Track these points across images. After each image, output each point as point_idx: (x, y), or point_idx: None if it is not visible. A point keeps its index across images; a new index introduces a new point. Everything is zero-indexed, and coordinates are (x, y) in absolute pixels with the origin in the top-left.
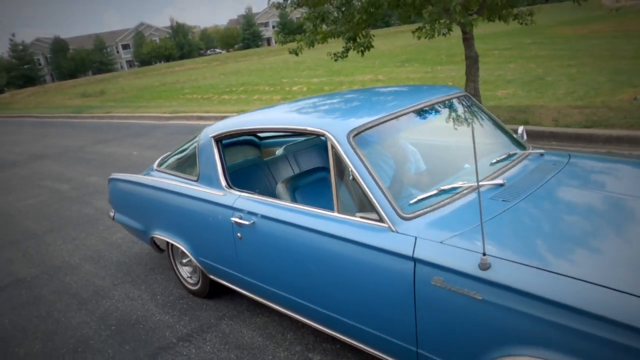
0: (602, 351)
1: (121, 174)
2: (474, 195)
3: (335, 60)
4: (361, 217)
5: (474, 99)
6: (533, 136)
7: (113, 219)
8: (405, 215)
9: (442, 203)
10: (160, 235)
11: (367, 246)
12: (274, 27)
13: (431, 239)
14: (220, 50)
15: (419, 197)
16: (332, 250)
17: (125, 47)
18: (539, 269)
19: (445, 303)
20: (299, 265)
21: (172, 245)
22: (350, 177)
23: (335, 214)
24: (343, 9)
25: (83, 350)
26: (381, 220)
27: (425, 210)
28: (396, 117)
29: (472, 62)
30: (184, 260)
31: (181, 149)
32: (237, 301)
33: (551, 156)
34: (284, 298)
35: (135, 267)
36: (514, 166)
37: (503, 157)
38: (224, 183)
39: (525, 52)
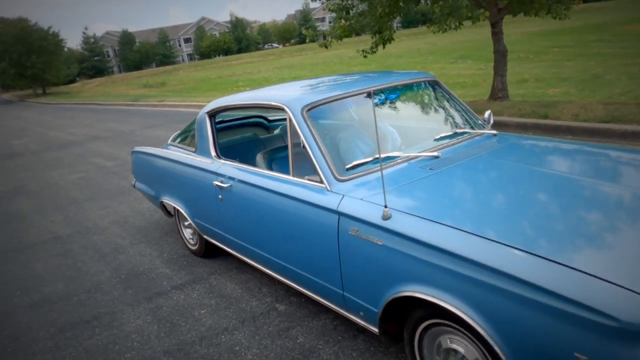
0: (471, 289)
1: (141, 147)
2: (405, 164)
3: (365, 56)
4: (308, 180)
5: (442, 84)
6: (549, 130)
7: (134, 187)
8: (340, 178)
9: (375, 169)
10: (167, 200)
11: (307, 203)
12: (329, 22)
13: (354, 197)
14: (277, 45)
15: (354, 163)
16: (284, 208)
17: (186, 40)
18: (430, 220)
19: (358, 249)
20: (261, 222)
21: (176, 209)
22: (302, 145)
23: (290, 177)
24: (368, 1)
25: (95, 291)
26: (321, 181)
27: (358, 174)
28: (350, 96)
29: (500, 57)
30: (186, 223)
31: (189, 125)
32: (228, 261)
33: (503, 137)
34: (252, 252)
35: (152, 231)
36: (458, 143)
37: (449, 134)
38: (213, 153)
39: (587, 50)
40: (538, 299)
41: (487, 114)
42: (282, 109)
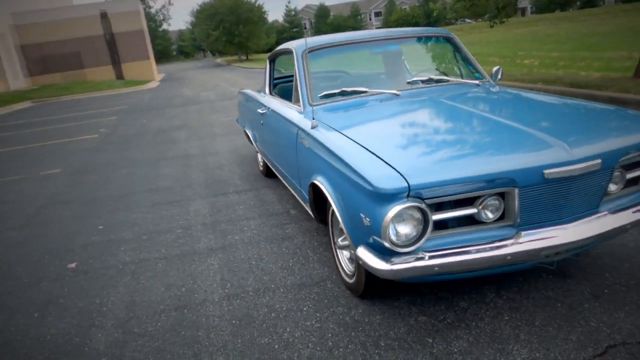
0: (334, 176)
1: (243, 89)
2: (369, 97)
3: (491, 26)
4: (295, 104)
5: (454, 40)
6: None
7: (237, 121)
8: (312, 103)
9: (342, 99)
10: (245, 129)
11: (288, 120)
12: None
13: (311, 117)
14: (469, 21)
15: (325, 93)
16: (281, 124)
17: (377, 14)
18: (335, 130)
19: (301, 151)
20: (272, 137)
21: (248, 135)
22: (295, 79)
23: (290, 103)
24: None
25: (188, 187)
26: (301, 105)
27: (326, 102)
28: (348, 44)
29: None
30: (256, 149)
31: None
32: (279, 180)
33: (483, 87)
34: (273, 164)
35: (247, 157)
36: (429, 87)
37: (423, 79)
38: (267, 90)
39: None
40: (350, 176)
41: (494, 69)
42: (291, 52)
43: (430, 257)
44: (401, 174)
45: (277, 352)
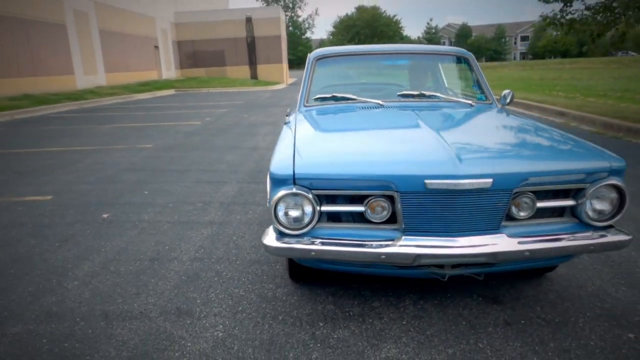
0: None
1: None
2: (356, 104)
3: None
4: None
5: (471, 61)
6: None
7: None
8: (306, 105)
9: (333, 103)
10: None
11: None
12: None
13: (299, 113)
14: (633, 53)
15: (318, 96)
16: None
17: (523, 39)
18: (304, 122)
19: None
20: None
21: None
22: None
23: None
24: None
25: (234, 172)
26: (297, 106)
27: (316, 104)
28: (357, 54)
29: None
30: None
31: None
32: None
33: (477, 107)
34: None
35: None
36: (417, 102)
37: (415, 93)
38: None
39: None
40: None
41: (504, 92)
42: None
43: (311, 243)
44: (293, 164)
45: (194, 304)
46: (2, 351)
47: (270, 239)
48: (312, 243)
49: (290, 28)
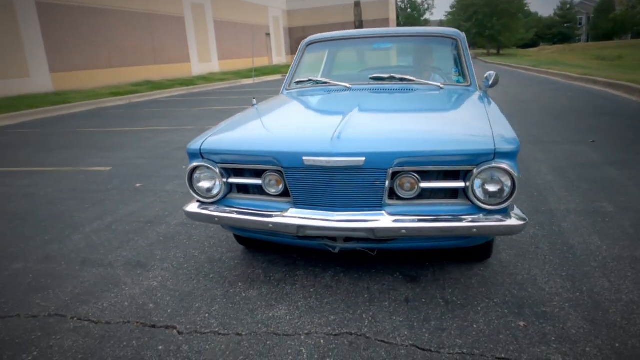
0: None
1: None
2: (328, 87)
3: None
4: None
5: (460, 43)
6: None
7: None
8: (287, 88)
9: (308, 86)
10: None
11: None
12: None
13: (276, 96)
14: None
15: (297, 80)
16: None
17: None
18: (273, 107)
19: None
20: None
21: None
22: None
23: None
24: None
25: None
26: (282, 89)
27: (297, 88)
28: (347, 39)
29: None
30: None
31: None
32: None
33: (445, 89)
34: None
35: None
36: (387, 84)
37: (385, 76)
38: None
39: None
40: None
41: (487, 74)
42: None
43: (215, 211)
44: (203, 140)
45: (152, 260)
46: None
47: (191, 206)
48: (216, 211)
49: (409, 10)
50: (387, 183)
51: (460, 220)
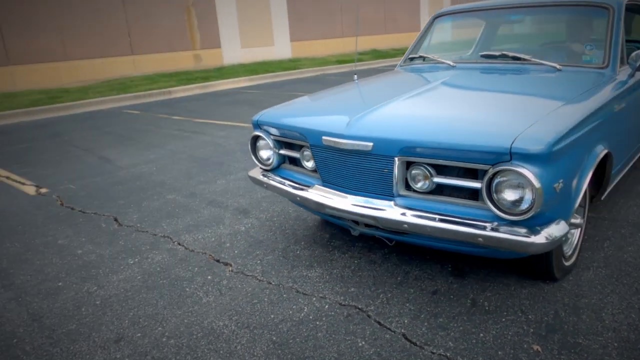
0: None
1: None
2: (438, 64)
3: None
4: None
5: (614, 12)
6: None
7: None
8: (402, 64)
9: (419, 62)
10: None
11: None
12: None
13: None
14: None
15: (410, 56)
16: None
17: None
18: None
19: None
20: None
21: None
22: None
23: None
24: None
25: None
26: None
27: (410, 64)
28: (479, 10)
29: None
30: None
31: None
32: None
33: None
34: None
35: None
36: (498, 63)
37: (496, 54)
38: None
39: None
40: None
41: (634, 54)
42: None
43: (264, 176)
44: (262, 112)
45: (255, 207)
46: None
47: (253, 171)
48: (265, 177)
49: None
50: (396, 172)
51: (470, 227)
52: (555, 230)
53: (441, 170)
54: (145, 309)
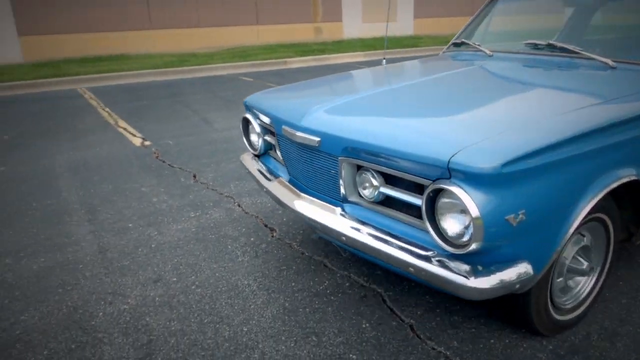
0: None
1: None
2: (475, 52)
3: None
4: None
5: None
6: None
7: None
8: (446, 50)
9: (462, 50)
10: None
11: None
12: None
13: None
14: None
15: (453, 41)
16: None
17: None
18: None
19: None
20: None
21: None
22: None
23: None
24: None
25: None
26: None
27: (452, 50)
28: None
29: None
30: None
31: None
32: None
33: (617, 71)
34: None
35: None
36: (543, 55)
37: (542, 44)
38: None
39: None
40: None
41: None
42: None
43: (250, 163)
44: (253, 95)
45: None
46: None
47: (244, 156)
48: (249, 163)
49: None
50: (343, 174)
51: (402, 249)
52: (510, 274)
53: (391, 179)
54: (187, 258)
